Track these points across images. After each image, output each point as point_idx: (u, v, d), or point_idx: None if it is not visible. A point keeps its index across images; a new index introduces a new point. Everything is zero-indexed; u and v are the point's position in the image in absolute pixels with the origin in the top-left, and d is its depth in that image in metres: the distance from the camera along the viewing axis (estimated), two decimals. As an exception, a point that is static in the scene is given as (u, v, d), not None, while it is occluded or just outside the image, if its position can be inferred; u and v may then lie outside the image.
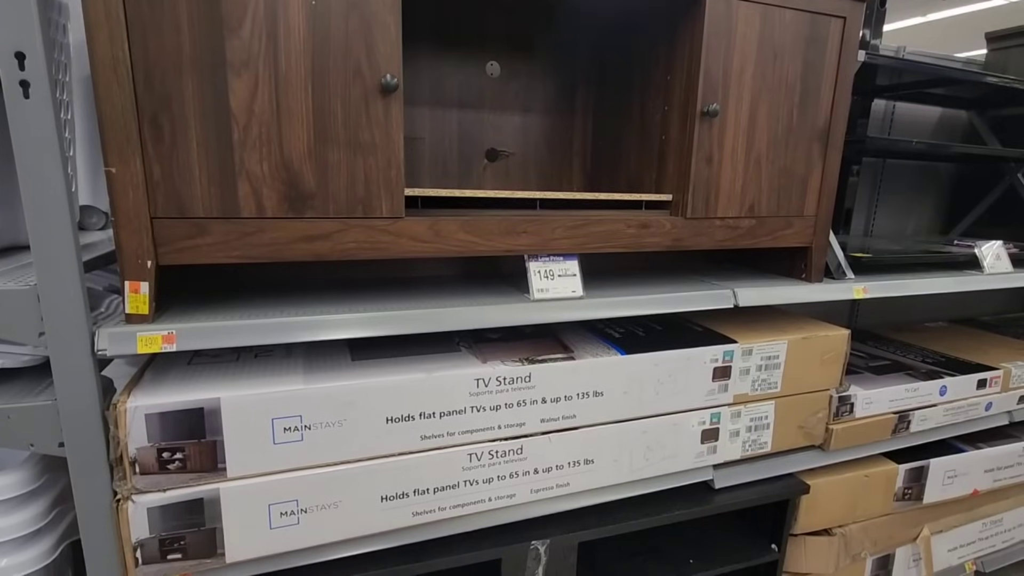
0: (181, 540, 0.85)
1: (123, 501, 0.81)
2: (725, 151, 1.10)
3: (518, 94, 1.32)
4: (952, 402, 1.50)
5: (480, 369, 0.98)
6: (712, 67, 1.05)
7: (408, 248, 0.92)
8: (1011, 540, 1.79)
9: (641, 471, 1.15)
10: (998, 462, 1.62)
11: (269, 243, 0.84)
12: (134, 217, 0.77)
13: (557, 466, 1.07)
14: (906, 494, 1.50)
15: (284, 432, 0.87)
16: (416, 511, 0.98)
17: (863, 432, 1.38)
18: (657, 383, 1.12)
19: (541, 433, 1.05)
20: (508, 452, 1.03)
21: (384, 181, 0.88)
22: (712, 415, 1.19)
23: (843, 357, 1.30)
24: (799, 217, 1.21)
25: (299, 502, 0.90)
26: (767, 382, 1.23)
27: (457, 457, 0.99)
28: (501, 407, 1.00)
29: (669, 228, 1.10)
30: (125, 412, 0.78)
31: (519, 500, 1.05)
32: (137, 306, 0.79)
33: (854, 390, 1.36)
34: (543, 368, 1.02)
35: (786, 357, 1.23)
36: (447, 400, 0.96)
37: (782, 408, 1.26)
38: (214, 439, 0.84)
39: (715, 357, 1.16)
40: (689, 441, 1.18)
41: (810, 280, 1.26)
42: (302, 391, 0.88)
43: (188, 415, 0.82)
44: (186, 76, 0.76)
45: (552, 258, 1.03)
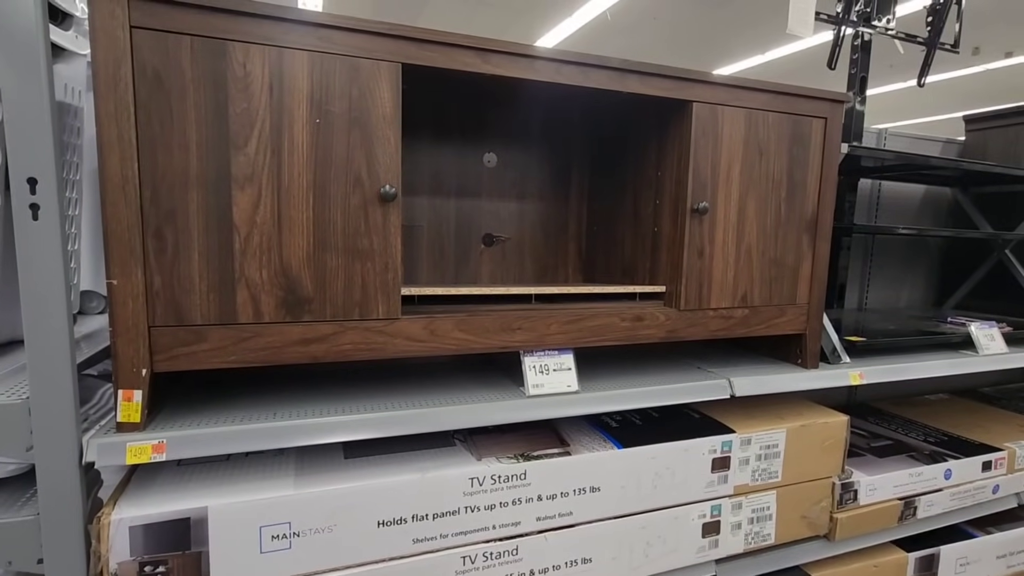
0: (159, 659, 0.81)
1: (100, 621, 0.78)
2: (716, 244, 1.13)
3: (514, 182, 1.37)
4: (958, 486, 1.47)
5: (475, 468, 0.96)
6: (701, 165, 1.09)
7: (404, 348, 0.93)
8: (1031, 630, 1.71)
9: (641, 568, 1.11)
10: (1010, 547, 1.57)
11: (265, 347, 0.85)
12: (132, 327, 0.78)
13: (554, 566, 1.04)
14: (918, 584, 1.45)
15: (272, 540, 0.85)
16: (407, 620, 0.94)
17: (869, 520, 1.34)
18: (655, 476, 1.10)
19: (537, 532, 1.02)
20: (503, 553, 1.00)
21: (381, 284, 0.90)
22: (712, 507, 1.16)
23: (843, 443, 1.28)
24: (792, 305, 1.22)
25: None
26: (767, 471, 1.21)
27: (451, 560, 0.96)
28: (496, 506, 0.98)
29: (663, 320, 1.11)
30: (108, 525, 0.76)
31: (514, 605, 1.01)
32: (129, 414, 0.78)
33: (857, 476, 1.34)
34: (539, 465, 1.00)
35: (786, 445, 1.21)
36: (441, 501, 0.94)
37: (784, 498, 1.23)
38: (199, 550, 0.81)
39: (713, 448, 1.14)
40: (690, 535, 1.15)
41: (806, 366, 1.26)
42: (292, 497, 0.86)
43: (174, 526, 0.80)
44: (191, 191, 0.79)
45: (547, 353, 1.03)
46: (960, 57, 6.73)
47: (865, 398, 2.01)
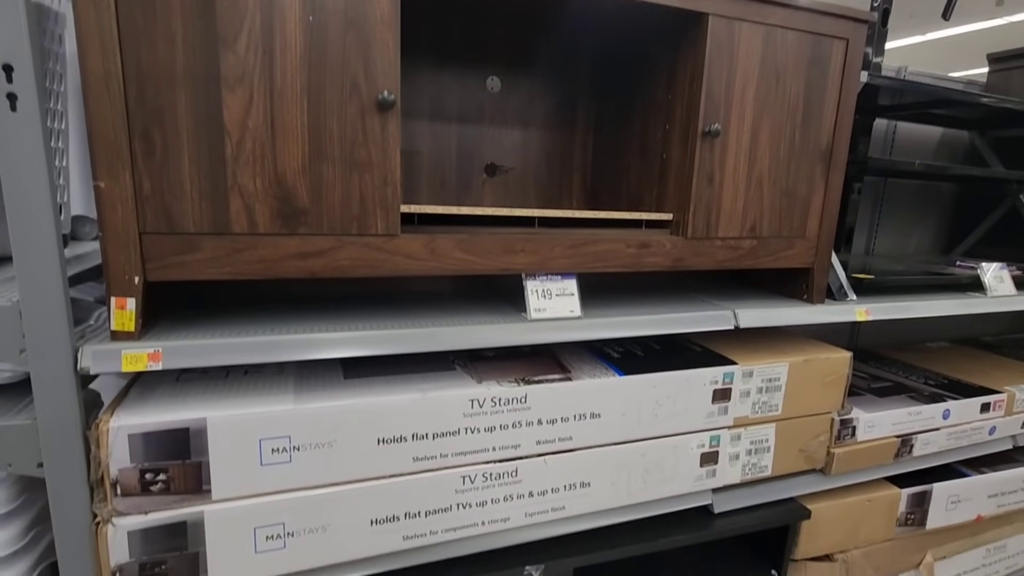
0: (162, 564, 0.82)
1: (103, 524, 0.78)
2: (727, 171, 1.09)
3: (518, 109, 1.31)
4: (955, 426, 1.47)
5: (475, 390, 0.96)
6: (714, 87, 1.04)
7: (403, 266, 0.90)
8: (1014, 566, 1.76)
9: (639, 494, 1.12)
10: (1002, 487, 1.59)
11: (260, 260, 0.82)
12: (122, 232, 0.75)
13: (553, 489, 1.05)
14: (909, 519, 1.47)
15: (272, 453, 0.85)
16: (407, 535, 0.95)
17: (865, 456, 1.35)
18: (656, 405, 1.09)
19: (537, 455, 1.02)
20: (503, 475, 1.00)
21: (380, 198, 0.87)
22: (711, 438, 1.17)
23: (845, 380, 1.28)
24: (801, 238, 1.19)
25: (286, 525, 0.87)
26: (768, 404, 1.20)
27: (450, 479, 0.97)
28: (496, 428, 0.98)
29: (669, 248, 1.08)
30: (107, 432, 0.76)
31: (513, 524, 1.03)
32: (123, 323, 0.77)
33: (856, 413, 1.34)
34: (539, 389, 0.99)
35: (787, 379, 1.21)
36: (441, 421, 0.94)
37: (783, 431, 1.23)
38: (199, 460, 0.81)
39: (715, 379, 1.14)
40: (688, 464, 1.15)
41: (812, 301, 1.24)
42: (291, 411, 0.85)
43: (173, 435, 0.80)
44: (179, 90, 0.75)
45: (550, 277, 1.01)
46: (983, 8, 6.46)
47: (867, 344, 2.00)
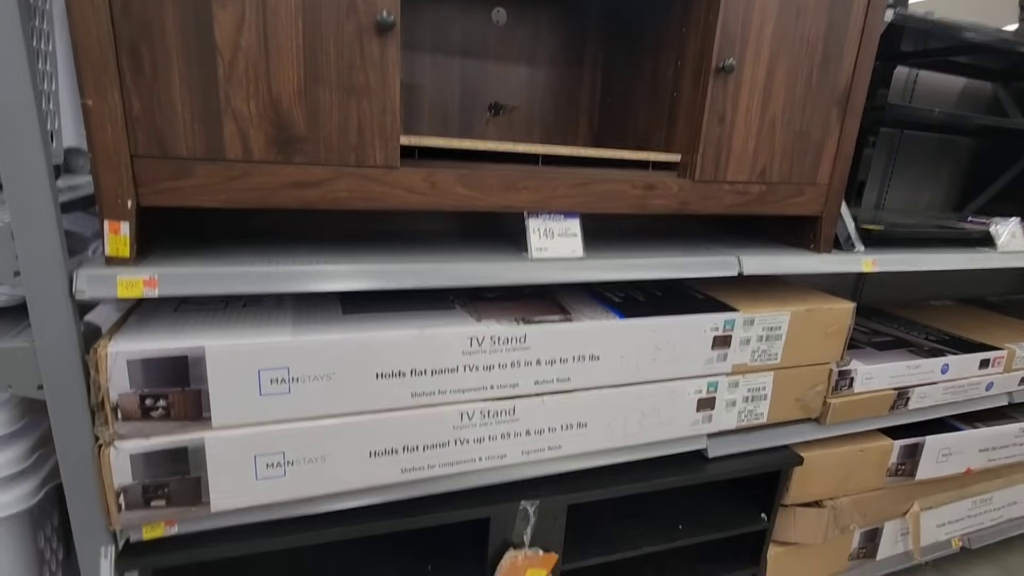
0: (165, 487, 0.84)
1: (105, 447, 0.79)
2: (739, 111, 1.05)
3: (524, 44, 1.26)
4: (953, 381, 1.48)
5: (474, 328, 0.95)
6: (731, 20, 0.99)
7: (403, 200, 0.88)
8: (999, 518, 1.80)
9: (635, 437, 1.13)
10: (994, 442, 1.61)
11: (256, 188, 0.80)
12: (113, 154, 0.73)
13: (550, 428, 1.06)
14: (899, 470, 1.50)
15: (271, 384, 0.85)
16: (405, 468, 0.97)
17: (861, 407, 1.36)
18: (655, 349, 1.09)
19: (535, 395, 1.03)
20: (500, 413, 1.01)
21: (379, 127, 0.84)
22: (709, 384, 1.17)
23: (846, 331, 1.27)
24: (812, 185, 1.16)
25: (285, 454, 0.89)
26: (767, 353, 1.20)
27: (448, 416, 0.98)
28: (495, 367, 0.98)
29: (676, 191, 1.05)
30: (106, 357, 0.76)
31: (510, 461, 1.04)
32: (117, 248, 0.75)
33: (855, 365, 1.34)
34: (539, 329, 0.99)
35: (788, 329, 1.20)
36: (439, 358, 0.94)
37: (781, 380, 1.24)
38: (198, 388, 0.82)
39: (716, 325, 1.13)
40: (685, 409, 1.16)
41: (818, 250, 1.22)
42: (290, 343, 0.85)
43: (171, 363, 0.80)
44: (167, 3, 0.71)
45: (553, 216, 0.99)
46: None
47: (870, 301, 1.99)
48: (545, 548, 1.12)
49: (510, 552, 1.08)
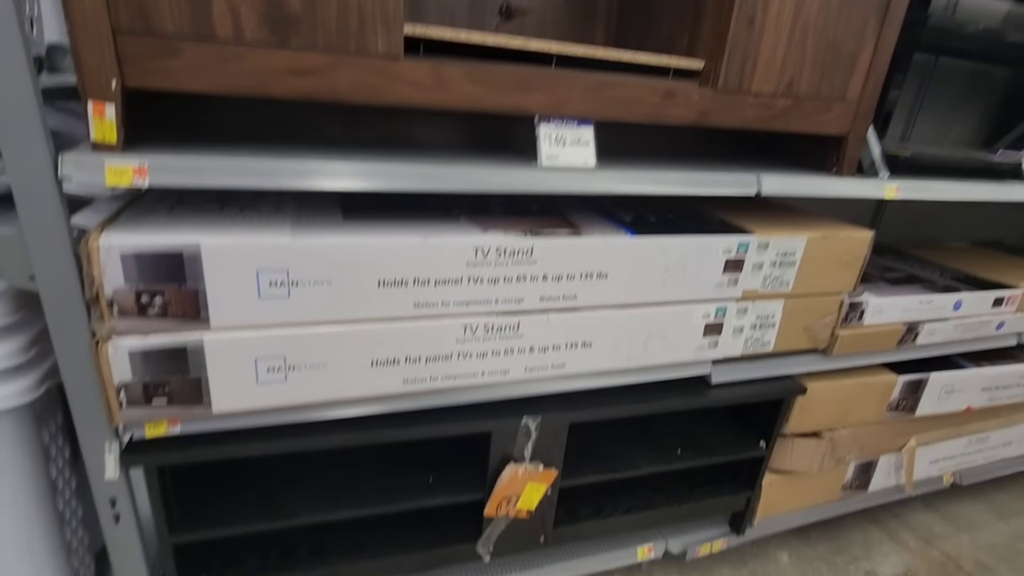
0: (165, 386, 0.83)
1: (102, 342, 0.78)
2: (770, 13, 0.97)
3: (539, -60, 1.16)
4: (964, 318, 1.46)
5: (480, 238, 0.92)
6: (769, -95, 0.90)
7: (406, 95, 0.83)
8: (993, 457, 1.83)
9: (639, 359, 1.12)
10: (997, 381, 1.61)
11: (249, 73, 0.75)
12: (92, 28, 0.67)
13: (554, 346, 1.04)
14: (900, 405, 1.50)
15: (270, 287, 0.83)
16: (407, 379, 0.96)
17: (869, 340, 1.35)
18: (665, 270, 1.06)
19: (540, 311, 1.01)
20: (504, 328, 0.99)
21: (380, 12, 0.77)
22: (718, 309, 1.15)
23: (862, 260, 1.23)
24: (840, 101, 1.09)
25: (286, 359, 0.88)
26: (779, 280, 1.17)
27: (451, 329, 0.96)
28: (500, 281, 0.96)
29: (697, 100, 0.99)
30: (98, 250, 0.73)
31: (513, 377, 1.03)
32: (103, 133, 0.71)
33: (866, 297, 1.31)
34: (547, 242, 0.96)
35: (803, 255, 1.16)
36: (443, 268, 0.91)
37: (790, 308, 1.21)
38: (195, 287, 0.79)
39: (728, 248, 1.09)
40: (691, 333, 1.15)
41: (841, 174, 1.17)
42: (290, 244, 0.82)
43: (167, 260, 0.77)
44: None
45: (565, 123, 0.94)
46: None
47: (885, 240, 1.94)
48: (545, 464, 1.13)
49: (511, 466, 1.09)
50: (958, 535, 1.76)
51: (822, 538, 1.69)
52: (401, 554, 1.13)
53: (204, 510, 1.01)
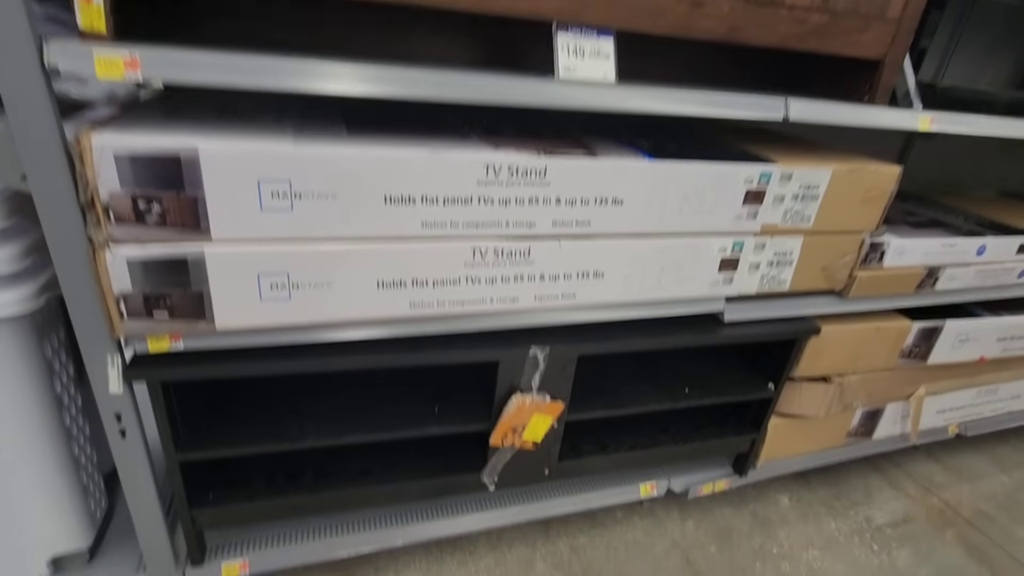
0: (167, 299, 0.81)
1: (100, 250, 0.75)
2: (811, -86, 0.89)
3: None
4: (987, 264, 1.41)
5: (492, 155, 0.88)
6: None
7: (414, -8, 0.77)
8: (1000, 410, 1.82)
9: (651, 292, 1.09)
10: (1013, 332, 1.58)
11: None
12: None
13: (565, 275, 1.01)
14: (912, 352, 1.48)
15: (271, 198, 0.80)
16: (414, 302, 0.94)
17: (888, 283, 1.31)
18: (683, 199, 1.02)
19: (552, 237, 0.97)
20: (515, 253, 0.96)
21: None
22: (735, 243, 1.11)
23: (887, 197, 1.18)
24: (879, 20, 1.02)
25: (290, 276, 0.85)
26: (800, 215, 1.13)
27: (460, 252, 0.93)
28: (511, 202, 0.92)
29: (727, 11, 0.92)
30: (91, 149, 0.70)
31: (522, 306, 1.01)
32: (91, 20, 0.66)
33: (888, 238, 1.27)
34: (561, 163, 0.91)
35: (827, 189, 1.11)
36: (453, 186, 0.87)
37: (809, 246, 1.17)
38: (194, 194, 0.76)
39: (750, 178, 1.05)
40: (706, 268, 1.11)
41: (873, 102, 1.10)
42: (292, 153, 0.78)
43: (163, 164, 0.73)
44: None
45: (584, 32, 0.87)
46: None
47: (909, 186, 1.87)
48: (552, 396, 1.12)
49: (517, 396, 1.08)
50: (959, 484, 1.77)
51: (823, 483, 1.70)
52: (406, 481, 1.14)
53: (210, 430, 1.01)
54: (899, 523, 1.59)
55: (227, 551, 1.13)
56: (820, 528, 1.55)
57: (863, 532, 1.55)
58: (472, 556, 1.34)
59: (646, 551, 1.41)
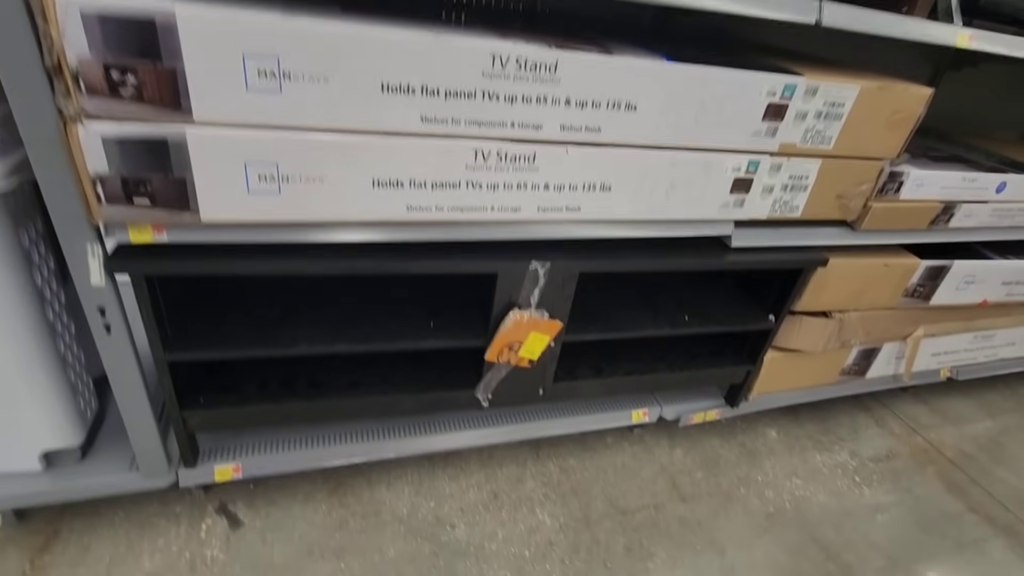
0: (147, 184, 0.76)
1: (71, 124, 0.69)
2: None
3: None
4: (1004, 203, 1.37)
5: (498, 44, 0.81)
6: None
7: None
8: (993, 356, 1.82)
9: (659, 210, 1.05)
10: (1020, 276, 1.55)
11: None
12: None
13: (571, 186, 0.96)
14: (916, 292, 1.46)
15: (258, 77, 0.73)
16: (411, 205, 0.89)
17: (901, 216, 1.27)
18: (700, 108, 0.95)
19: (559, 142, 0.91)
20: (519, 158, 0.91)
21: None
22: (750, 163, 1.05)
23: (914, 121, 1.12)
24: (931, -86, 0.92)
25: (279, 167, 0.80)
26: (821, 135, 1.07)
27: (461, 152, 0.87)
28: (517, 100, 0.85)
29: None
30: (54, 4, 0.63)
31: (524, 216, 0.96)
32: None
33: (907, 168, 1.22)
34: (574, 58, 0.84)
35: (852, 107, 1.05)
36: (455, 77, 0.80)
37: (826, 171, 1.12)
38: (172, 66, 0.69)
39: (773, 90, 0.98)
40: (718, 187, 1.06)
41: (911, 13, 1.02)
42: (280, 26, 0.71)
43: (137, 28, 0.66)
44: None
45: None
46: None
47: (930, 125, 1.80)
48: (551, 314, 1.09)
49: (515, 311, 1.05)
50: (944, 426, 1.80)
51: (811, 419, 1.73)
52: (400, 393, 1.13)
53: (200, 332, 0.98)
54: (882, 459, 1.63)
55: (220, 455, 1.13)
56: (805, 460, 1.57)
57: (846, 465, 1.58)
58: (463, 472, 1.36)
59: (634, 474, 1.44)
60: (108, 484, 1.06)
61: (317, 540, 1.16)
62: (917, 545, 1.37)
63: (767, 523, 1.36)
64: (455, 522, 1.24)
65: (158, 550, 1.10)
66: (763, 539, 1.32)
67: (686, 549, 1.27)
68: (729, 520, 1.35)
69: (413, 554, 1.16)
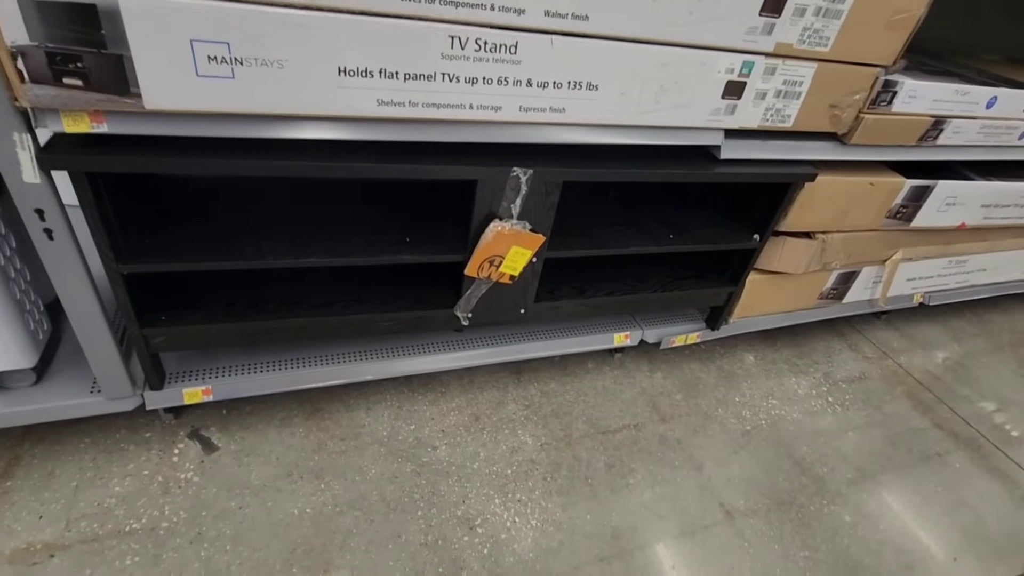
0: (78, 61, 0.66)
1: (-22, -21, 0.59)
2: None
3: None
4: (993, 119, 1.34)
5: (476, -94, 0.71)
6: None
7: None
8: (964, 283, 1.86)
9: (648, 114, 0.99)
10: (999, 199, 1.56)
11: None
12: None
13: (555, 84, 0.89)
14: (899, 213, 1.45)
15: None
16: (381, 99, 0.81)
17: (892, 130, 1.23)
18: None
19: (543, 31, 0.84)
20: (499, 48, 0.83)
21: None
22: (744, 64, 1.00)
23: (914, 24, 1.06)
24: None
25: (231, 47, 0.71)
26: (819, 34, 1.01)
27: (436, 36, 0.79)
28: (498, -23, 0.77)
29: None
30: None
31: (505, 116, 0.90)
32: None
33: (901, 78, 1.17)
34: (560, -73, 0.76)
35: (853, 3, 0.99)
36: (428, -56, 0.71)
37: (821, 76, 1.07)
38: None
39: (773, -21, 0.91)
40: (709, 90, 1.00)
41: None
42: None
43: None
44: None
45: None
46: None
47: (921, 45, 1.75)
48: (533, 228, 1.05)
49: (496, 222, 1.00)
50: (913, 350, 1.85)
51: (787, 344, 1.75)
52: (375, 312, 1.09)
53: (156, 243, 0.91)
54: (854, 380, 1.66)
55: (190, 378, 1.08)
56: (781, 382, 1.60)
57: (820, 386, 1.61)
58: (444, 396, 1.35)
59: (615, 396, 1.44)
60: (67, 407, 1.00)
61: (295, 462, 1.14)
62: (885, 458, 1.42)
63: (743, 440, 1.39)
64: (436, 444, 1.23)
65: (128, 474, 1.07)
66: (739, 455, 1.35)
67: (665, 465, 1.29)
68: (707, 438, 1.37)
69: (395, 473, 1.15)
